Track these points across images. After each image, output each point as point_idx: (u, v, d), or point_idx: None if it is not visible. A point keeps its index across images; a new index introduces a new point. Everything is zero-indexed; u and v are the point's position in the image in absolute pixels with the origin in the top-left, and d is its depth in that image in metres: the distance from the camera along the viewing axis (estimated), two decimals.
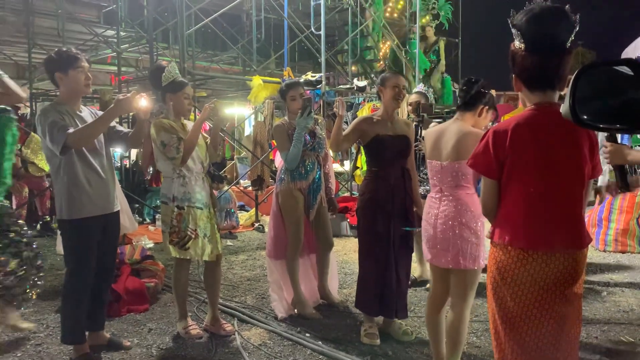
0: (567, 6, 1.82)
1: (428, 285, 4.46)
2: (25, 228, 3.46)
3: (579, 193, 1.87)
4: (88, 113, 3.08)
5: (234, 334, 3.52)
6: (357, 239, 3.67)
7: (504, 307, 1.89)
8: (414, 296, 4.36)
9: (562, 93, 1.92)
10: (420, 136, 4.31)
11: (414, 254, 4.68)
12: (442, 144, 2.74)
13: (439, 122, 3.48)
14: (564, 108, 1.82)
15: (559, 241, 1.83)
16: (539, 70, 1.83)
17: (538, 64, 1.81)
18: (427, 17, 11.09)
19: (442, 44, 10.53)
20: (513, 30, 1.85)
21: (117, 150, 5.62)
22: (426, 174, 4.39)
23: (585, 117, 1.78)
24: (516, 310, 1.86)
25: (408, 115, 4.87)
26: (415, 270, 4.74)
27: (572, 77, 1.76)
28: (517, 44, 1.84)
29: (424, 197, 4.38)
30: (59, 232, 4.26)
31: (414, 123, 4.36)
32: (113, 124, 3.19)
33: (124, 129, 3.24)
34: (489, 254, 1.99)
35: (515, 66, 1.90)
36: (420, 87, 5.31)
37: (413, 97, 4.80)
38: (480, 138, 1.98)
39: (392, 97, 3.44)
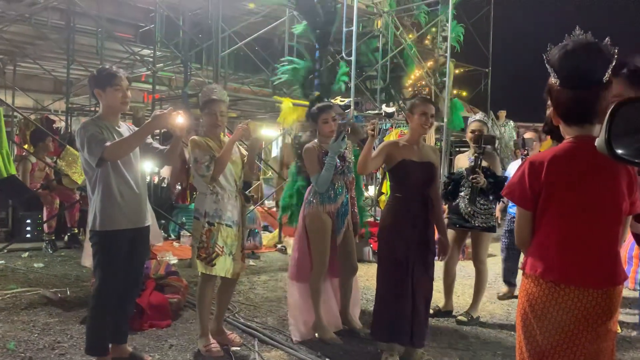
0: (606, 39, 1.82)
1: (460, 318, 4.40)
2: None
3: (616, 229, 1.84)
4: (126, 128, 3.16)
5: (255, 355, 3.52)
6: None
7: (533, 342, 1.86)
8: (437, 326, 4.29)
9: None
10: (480, 168, 4.26)
11: (440, 285, 4.66)
12: None
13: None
14: (599, 142, 1.80)
15: (593, 277, 1.80)
16: (574, 105, 1.82)
17: (573, 99, 1.81)
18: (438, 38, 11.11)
19: (451, 66, 10.52)
20: (547, 67, 1.86)
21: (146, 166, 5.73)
22: (483, 207, 4.38)
23: (621, 151, 1.77)
24: (545, 345, 1.83)
25: (456, 144, 4.70)
26: (440, 301, 4.68)
27: (609, 110, 1.75)
28: (552, 79, 1.85)
29: (485, 229, 4.39)
30: (85, 245, 4.33)
31: (474, 155, 4.31)
32: (149, 140, 3.27)
33: (159, 145, 3.31)
34: (520, 285, 1.97)
35: (552, 100, 1.90)
36: (480, 114, 5.18)
37: (474, 125, 4.57)
38: (518, 168, 1.98)
39: (420, 124, 3.46)
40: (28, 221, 6.91)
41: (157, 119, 2.93)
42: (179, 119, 3.01)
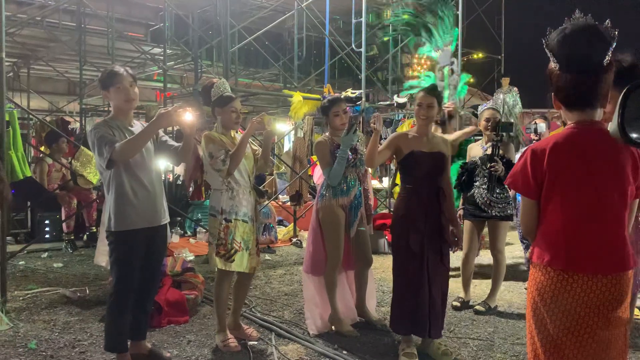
0: (606, 22, 1.79)
1: (477, 307, 4.38)
2: None
3: (622, 214, 1.81)
4: (139, 127, 3.15)
5: (272, 349, 3.54)
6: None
7: (544, 330, 1.84)
8: (454, 316, 4.28)
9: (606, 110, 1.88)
10: (498, 156, 4.21)
11: (459, 277, 4.63)
12: None
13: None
14: (612, 127, 1.78)
15: (601, 263, 1.77)
16: (574, 89, 1.80)
17: (573, 83, 1.79)
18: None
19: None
20: (546, 51, 1.84)
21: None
22: (500, 196, 4.34)
23: (635, 135, 1.74)
24: (556, 334, 1.81)
25: (478, 133, 4.56)
26: (457, 291, 4.66)
27: (621, 96, 1.72)
28: (552, 63, 1.83)
29: (502, 218, 4.36)
30: (98, 244, 4.38)
31: (492, 142, 4.25)
32: (164, 137, 3.28)
33: (174, 143, 3.29)
34: (529, 274, 1.95)
35: (552, 85, 1.88)
36: (491, 102, 5.10)
37: (487, 113, 4.49)
38: (520, 156, 1.96)
39: (417, 114, 3.47)
40: (47, 222, 7.01)
41: (162, 117, 2.93)
42: (187, 115, 3.00)
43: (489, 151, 4.29)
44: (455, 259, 5.22)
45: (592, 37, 1.75)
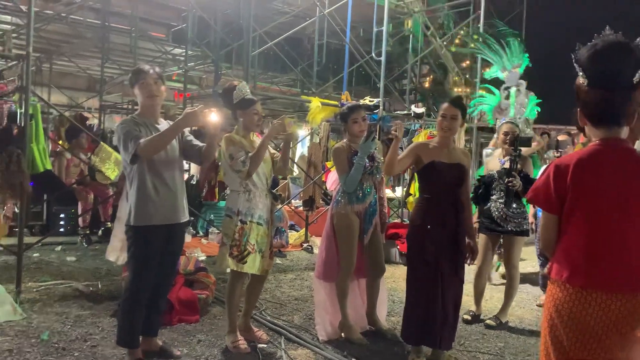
0: (637, 39, 1.78)
1: (488, 322, 4.35)
2: None
3: None
4: (165, 125, 3.19)
5: (281, 352, 3.54)
6: (406, 267, 3.64)
7: (560, 347, 1.82)
8: (465, 330, 4.25)
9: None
10: (515, 171, 4.19)
11: (469, 288, 4.60)
12: None
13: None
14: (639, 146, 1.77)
15: (621, 281, 1.76)
16: (602, 106, 1.79)
17: (601, 100, 1.78)
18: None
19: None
20: (576, 66, 1.83)
21: None
22: (516, 210, 4.32)
23: None
24: (572, 351, 1.79)
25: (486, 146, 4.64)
26: (469, 304, 4.63)
27: None
28: (581, 79, 1.82)
29: (518, 233, 4.33)
30: (111, 239, 4.41)
31: (510, 157, 4.23)
32: (190, 137, 3.31)
33: (199, 143, 3.32)
34: (547, 290, 1.94)
35: (579, 101, 1.87)
36: (510, 116, 5.10)
37: (506, 127, 4.47)
38: (543, 171, 1.95)
39: (439, 125, 3.45)
40: (62, 215, 7.09)
41: (188, 116, 2.97)
42: (212, 116, 3.04)
43: (507, 165, 4.27)
44: (469, 271, 5.19)
45: (623, 54, 1.74)
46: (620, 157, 1.79)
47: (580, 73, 1.81)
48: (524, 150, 4.38)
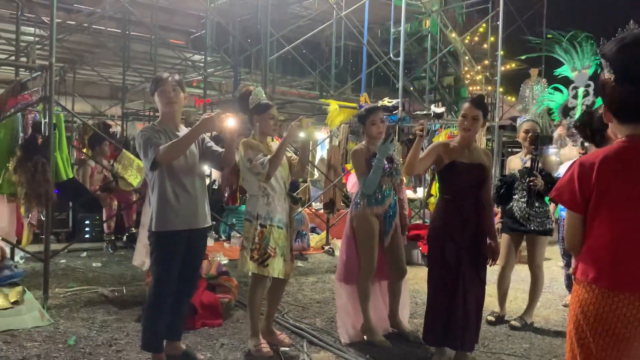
0: None
1: (513, 323, 4.30)
2: None
3: None
4: (186, 132, 3.19)
5: (304, 355, 3.54)
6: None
7: (586, 349, 1.78)
8: (489, 331, 4.20)
9: None
10: (537, 170, 4.14)
11: (492, 289, 4.54)
12: None
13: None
14: None
15: None
16: (629, 102, 1.74)
17: (628, 95, 1.73)
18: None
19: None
20: (602, 61, 1.79)
21: None
22: (539, 210, 4.26)
23: None
24: (600, 354, 1.75)
25: (508, 145, 4.65)
26: (492, 305, 4.57)
27: None
28: (607, 74, 1.77)
29: (541, 233, 4.27)
30: (137, 245, 4.48)
31: (531, 156, 4.18)
32: (210, 143, 3.34)
33: (218, 148, 3.34)
34: (572, 291, 1.90)
35: (605, 97, 1.83)
36: (531, 114, 5.06)
37: (527, 125, 4.41)
38: (567, 169, 1.91)
39: (460, 125, 3.41)
40: (87, 222, 7.21)
41: (205, 122, 2.99)
42: (230, 121, 3.06)
43: (529, 164, 4.21)
44: (490, 272, 5.13)
45: None
46: None
47: (607, 68, 1.76)
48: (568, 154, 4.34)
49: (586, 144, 5.09)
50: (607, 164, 1.77)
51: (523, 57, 9.05)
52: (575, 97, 5.77)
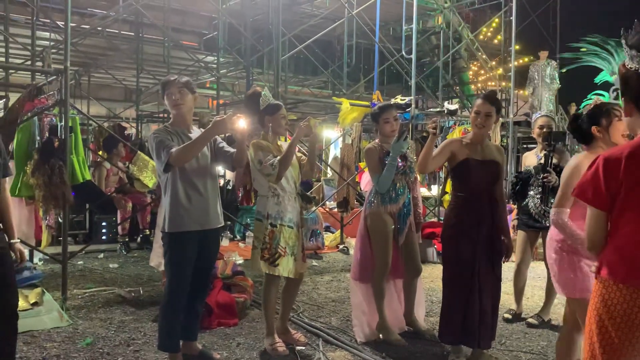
0: None
1: (530, 320, 4.26)
2: None
3: None
4: (197, 133, 3.22)
5: (319, 354, 3.55)
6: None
7: (611, 351, 1.73)
8: (505, 329, 4.17)
9: None
10: (551, 166, 4.10)
11: (508, 287, 4.51)
12: None
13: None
14: None
15: None
16: None
17: None
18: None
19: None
20: (628, 50, 1.72)
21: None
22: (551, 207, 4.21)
23: None
24: (627, 355, 1.70)
25: (523, 141, 4.59)
26: (508, 303, 4.53)
27: None
28: (632, 64, 1.70)
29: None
30: (154, 246, 4.52)
31: (544, 152, 4.14)
32: (222, 144, 3.36)
33: (231, 149, 3.35)
34: (594, 291, 1.84)
35: (629, 90, 1.76)
36: (545, 109, 5.02)
37: (541, 121, 4.39)
38: (589, 166, 1.86)
39: (473, 122, 3.38)
40: (104, 224, 7.29)
41: (217, 124, 3.02)
42: (240, 122, 3.08)
43: (543, 160, 4.17)
44: (506, 269, 5.09)
45: None
46: None
47: (636, 59, 1.69)
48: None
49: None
50: (635, 159, 1.71)
51: (564, 71, 8.99)
52: (616, 98, 5.82)
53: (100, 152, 8.07)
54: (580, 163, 2.55)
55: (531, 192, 4.30)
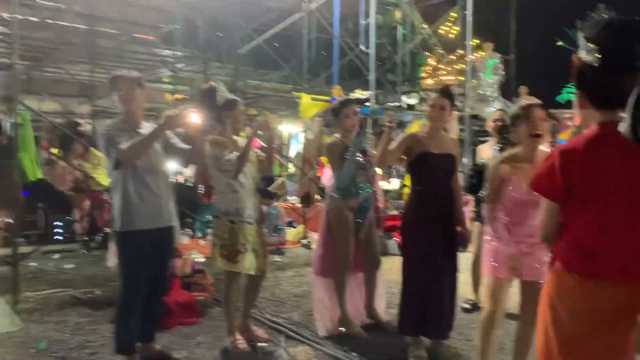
0: None
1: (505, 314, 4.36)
2: None
3: None
4: (149, 129, 3.16)
5: (282, 350, 3.54)
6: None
7: (565, 340, 1.76)
8: (464, 319, 4.24)
9: None
10: None
11: (469, 279, 4.59)
12: None
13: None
14: (624, 128, 1.70)
15: (631, 271, 1.69)
16: (614, 89, 1.65)
17: (614, 83, 1.65)
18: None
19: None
20: (584, 43, 1.69)
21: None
22: None
23: None
24: (580, 343, 1.73)
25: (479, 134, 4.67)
26: (468, 294, 4.62)
27: (633, 96, 1.65)
28: (589, 58, 1.67)
29: None
30: (110, 245, 4.41)
31: (499, 146, 4.20)
32: (174, 140, 3.30)
33: (184, 145, 3.30)
34: (547, 282, 1.87)
35: (584, 83, 1.75)
36: (499, 103, 5.09)
37: (496, 115, 4.45)
38: (545, 158, 1.88)
39: (429, 116, 3.42)
40: (59, 223, 7.06)
41: (170, 120, 2.97)
42: (193, 117, 3.03)
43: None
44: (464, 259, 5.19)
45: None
46: (623, 143, 1.70)
47: (593, 52, 1.65)
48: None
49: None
50: (591, 152, 1.72)
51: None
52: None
53: (54, 150, 7.80)
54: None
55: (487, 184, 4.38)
